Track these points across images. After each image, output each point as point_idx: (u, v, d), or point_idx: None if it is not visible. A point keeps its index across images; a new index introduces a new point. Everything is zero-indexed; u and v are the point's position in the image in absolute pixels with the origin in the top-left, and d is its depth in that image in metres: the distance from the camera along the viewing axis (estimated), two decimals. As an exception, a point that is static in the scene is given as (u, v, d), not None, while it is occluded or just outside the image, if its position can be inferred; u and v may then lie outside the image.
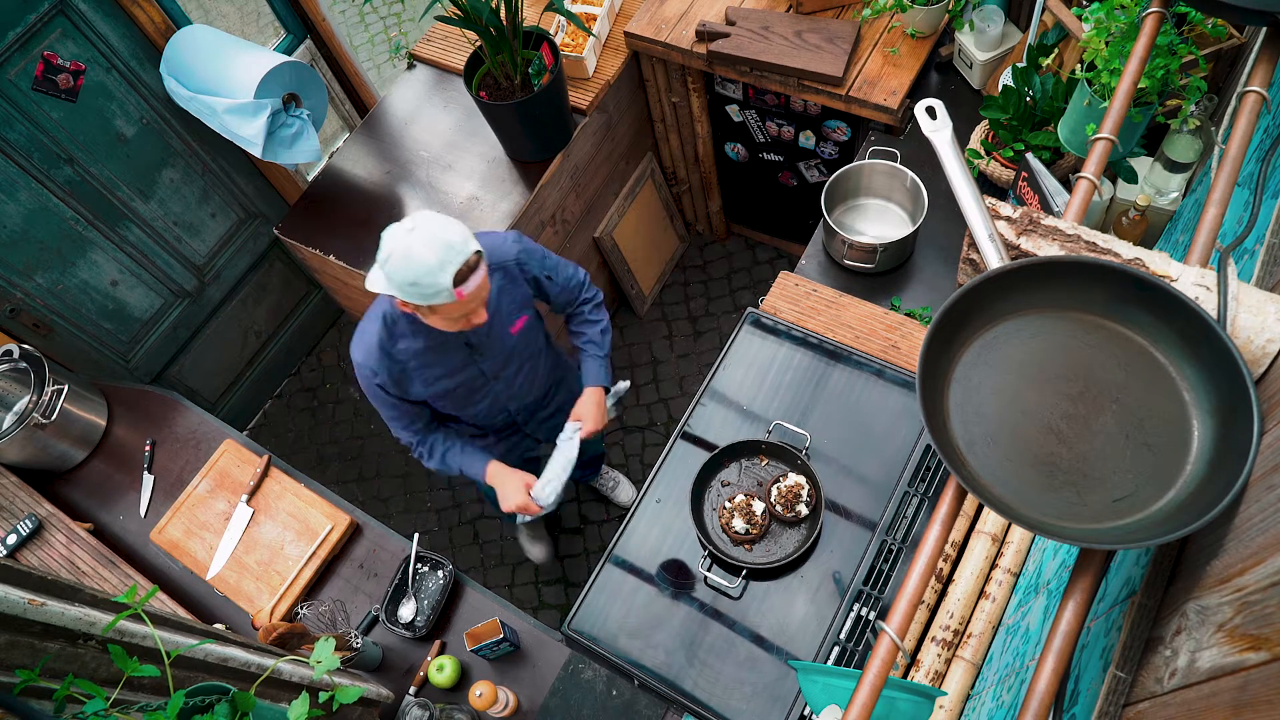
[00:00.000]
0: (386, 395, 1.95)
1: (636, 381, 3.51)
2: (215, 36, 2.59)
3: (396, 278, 1.64)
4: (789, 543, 1.94)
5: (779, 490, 1.95)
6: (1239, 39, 1.86)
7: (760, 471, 2.02)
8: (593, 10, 2.80)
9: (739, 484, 2.02)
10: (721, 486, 2.02)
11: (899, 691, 1.04)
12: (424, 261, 1.61)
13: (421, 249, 1.61)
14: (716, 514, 1.99)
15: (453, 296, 1.66)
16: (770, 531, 1.96)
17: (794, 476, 1.97)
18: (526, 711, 2.03)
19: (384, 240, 1.66)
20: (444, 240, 1.63)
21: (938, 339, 0.91)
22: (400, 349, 1.89)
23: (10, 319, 2.68)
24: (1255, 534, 0.73)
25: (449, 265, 1.63)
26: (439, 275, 1.63)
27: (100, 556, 2.30)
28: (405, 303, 1.72)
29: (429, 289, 1.64)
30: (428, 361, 1.93)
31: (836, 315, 2.22)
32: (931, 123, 1.17)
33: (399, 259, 1.63)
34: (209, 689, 1.17)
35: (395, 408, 2.00)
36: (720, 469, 2.04)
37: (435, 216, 1.67)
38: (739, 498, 1.97)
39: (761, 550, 1.95)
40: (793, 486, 1.95)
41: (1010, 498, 0.86)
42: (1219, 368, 0.83)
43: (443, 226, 1.65)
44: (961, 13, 2.44)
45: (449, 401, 2.05)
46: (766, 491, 1.97)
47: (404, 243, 1.62)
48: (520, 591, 3.20)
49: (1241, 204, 1.29)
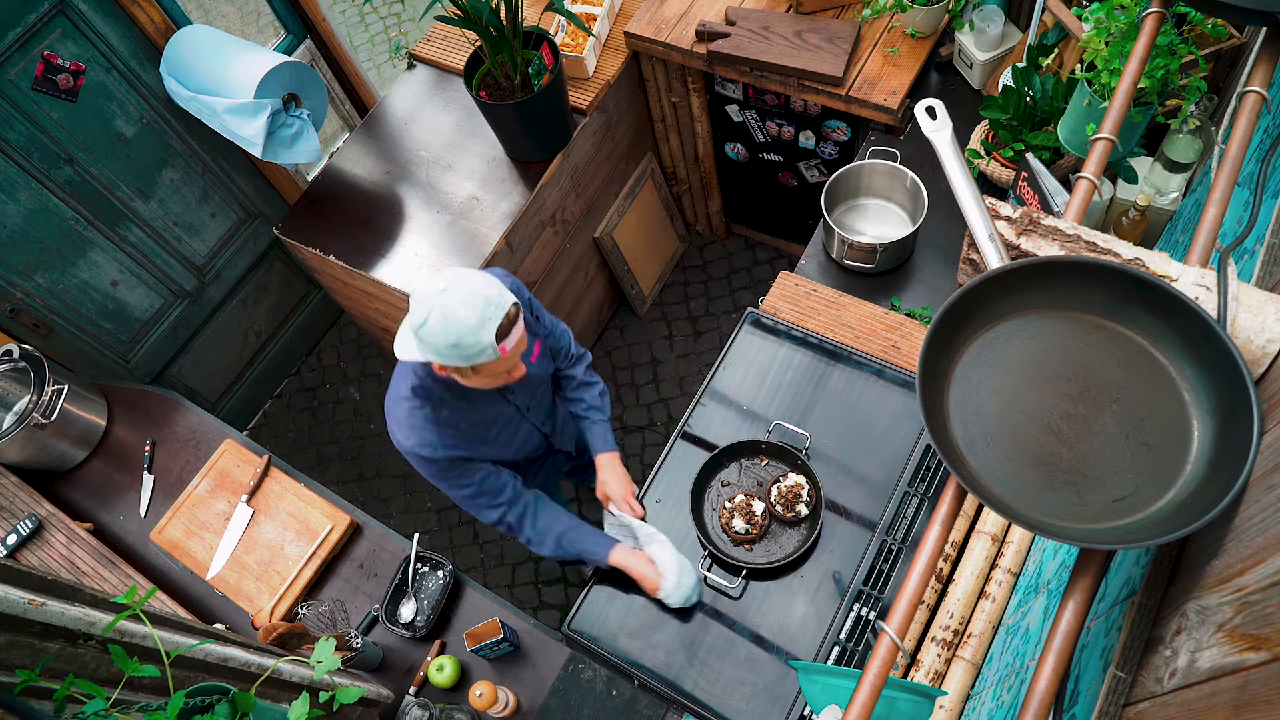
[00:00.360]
0: (460, 466, 1.82)
1: (636, 382, 3.51)
2: (215, 36, 2.59)
3: (436, 341, 1.54)
4: (789, 543, 1.94)
5: (779, 490, 1.95)
6: (1239, 39, 1.86)
7: (760, 471, 2.02)
8: (593, 10, 2.80)
9: (739, 484, 2.02)
10: (721, 486, 2.02)
11: (899, 691, 1.04)
12: (464, 321, 1.52)
13: (460, 308, 1.52)
14: (716, 514, 1.99)
15: (496, 353, 1.57)
16: (770, 531, 1.96)
17: (794, 476, 1.97)
18: (526, 711, 2.03)
19: (415, 303, 1.56)
20: (482, 296, 1.54)
21: (938, 339, 0.91)
22: (445, 415, 1.78)
23: (10, 319, 2.68)
24: (1255, 534, 0.73)
25: (490, 322, 1.54)
26: (481, 333, 1.54)
27: (100, 556, 2.30)
28: (444, 367, 1.63)
29: (472, 349, 1.55)
30: (473, 420, 1.84)
31: (836, 315, 2.22)
32: (931, 123, 1.17)
33: (437, 322, 1.52)
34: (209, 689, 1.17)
35: (471, 479, 1.85)
36: (720, 469, 2.03)
37: (465, 272, 1.58)
38: (739, 498, 1.97)
39: (761, 550, 1.95)
40: (793, 487, 1.95)
41: (1010, 498, 0.86)
42: (1219, 368, 0.84)
43: (477, 282, 1.56)
44: (961, 13, 2.44)
45: (501, 450, 1.95)
46: (766, 491, 1.97)
47: (440, 303, 1.52)
48: (520, 591, 3.20)
49: (1241, 204, 1.29)
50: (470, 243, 2.60)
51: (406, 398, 1.76)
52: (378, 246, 2.64)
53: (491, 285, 1.57)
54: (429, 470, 1.80)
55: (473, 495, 1.87)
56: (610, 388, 3.51)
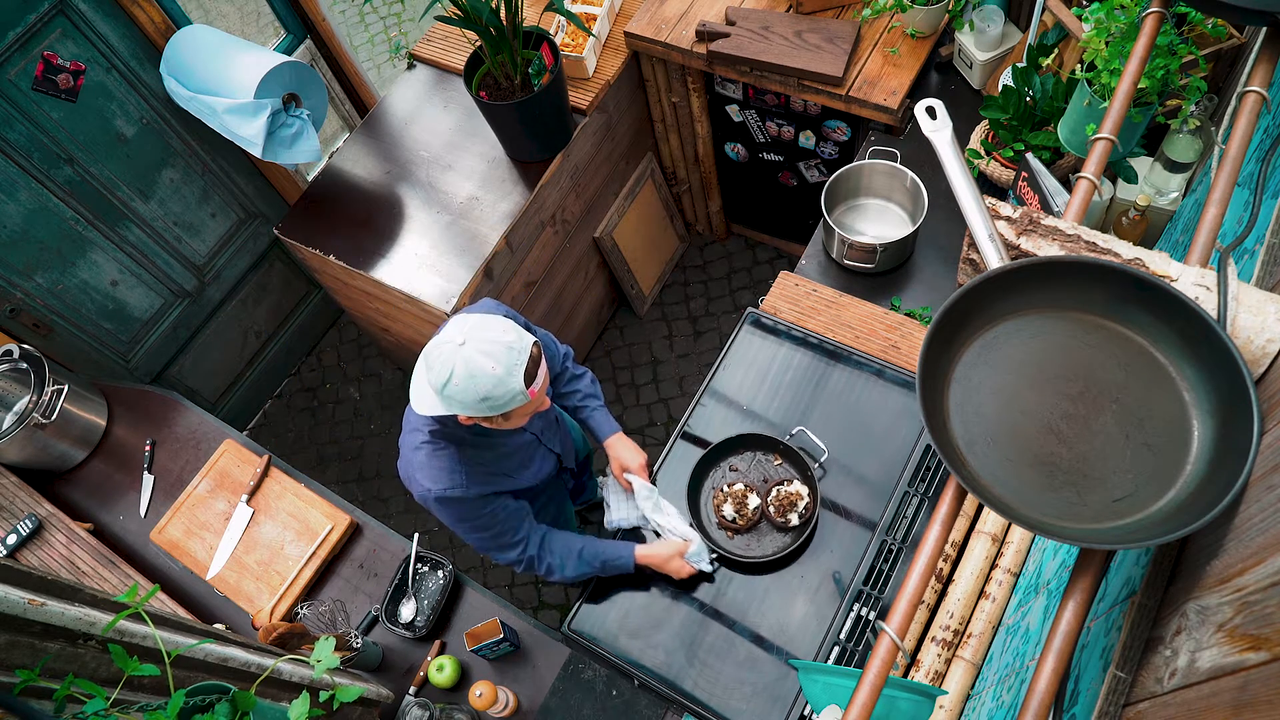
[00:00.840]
0: (485, 504, 1.77)
1: (636, 382, 3.51)
2: (215, 36, 2.59)
3: (464, 398, 1.50)
4: (770, 545, 1.95)
5: (779, 493, 1.96)
6: (1239, 39, 1.86)
7: (770, 469, 2.02)
8: (593, 10, 2.80)
9: (745, 473, 2.03)
10: (729, 470, 2.03)
11: (899, 691, 1.04)
12: (491, 373, 1.48)
13: (483, 360, 1.48)
14: (713, 494, 2.00)
15: (527, 397, 1.54)
16: (758, 528, 1.97)
17: (799, 485, 1.96)
18: (526, 711, 2.03)
19: (434, 362, 1.52)
20: (504, 345, 1.50)
21: (938, 339, 0.91)
22: (469, 455, 1.73)
23: (10, 319, 2.68)
24: (1255, 534, 0.73)
25: (516, 369, 1.50)
26: (509, 382, 1.50)
27: (100, 556, 2.30)
28: (470, 418, 1.58)
29: (503, 399, 1.52)
30: (496, 455, 1.81)
31: (836, 315, 2.22)
32: (931, 123, 1.17)
33: (462, 378, 1.48)
34: (209, 689, 1.17)
35: (495, 518, 1.80)
36: (733, 453, 2.04)
37: (477, 320, 1.54)
38: (739, 486, 1.99)
39: (742, 542, 1.96)
40: (793, 494, 1.95)
41: (1010, 498, 0.86)
42: (1219, 368, 0.84)
43: (495, 330, 1.52)
44: (961, 13, 2.44)
45: (522, 479, 1.91)
46: (768, 490, 1.97)
47: (462, 359, 1.48)
48: (520, 591, 3.20)
49: (1241, 204, 1.29)
50: (470, 243, 2.60)
51: (428, 442, 1.69)
52: (378, 246, 2.64)
53: (508, 330, 1.53)
54: (455, 512, 1.74)
55: (495, 535, 1.82)
56: (610, 388, 3.51)
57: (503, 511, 1.81)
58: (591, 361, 3.57)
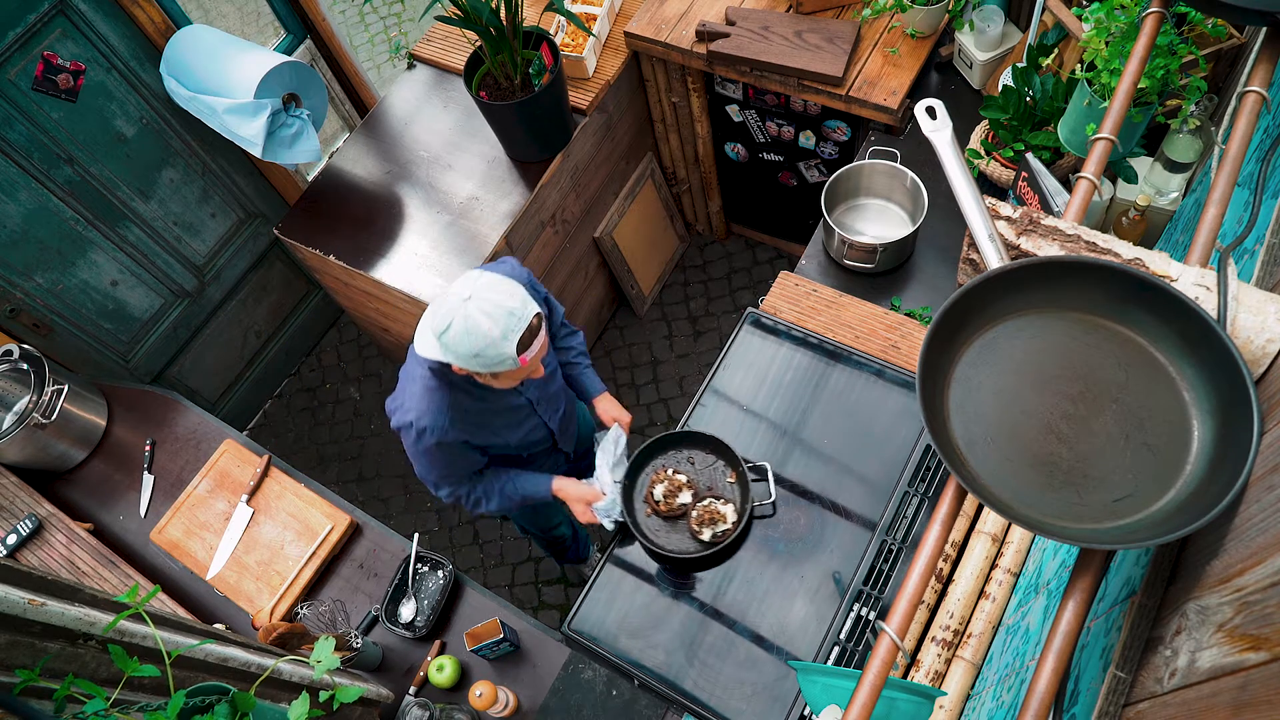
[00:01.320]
0: (451, 453, 1.83)
1: (636, 382, 3.51)
2: (215, 36, 2.59)
3: (458, 349, 1.57)
4: (673, 542, 1.95)
5: (709, 505, 1.94)
6: (1239, 39, 1.86)
7: (720, 482, 2.00)
8: (593, 10, 2.80)
9: (697, 471, 2.02)
10: (686, 460, 2.03)
11: (899, 691, 1.04)
12: (486, 334, 1.54)
13: (482, 319, 1.53)
14: (659, 470, 2.01)
15: (517, 364, 1.60)
16: (675, 522, 1.96)
17: (730, 512, 1.93)
18: (526, 711, 2.03)
19: (438, 308, 1.58)
20: (505, 309, 1.55)
21: (938, 339, 0.91)
22: (460, 399, 1.79)
23: (10, 319, 2.68)
24: (1255, 534, 0.73)
25: (512, 334, 1.56)
26: (502, 346, 1.56)
27: (100, 556, 2.30)
28: (462, 369, 1.65)
29: (493, 359, 1.57)
30: (485, 408, 1.86)
31: (836, 315, 2.22)
32: (931, 123, 1.17)
33: (459, 332, 1.54)
34: (209, 689, 1.17)
35: (454, 465, 1.88)
36: (701, 448, 2.04)
37: (490, 281, 1.58)
38: (681, 477, 1.98)
39: (654, 524, 1.97)
40: (718, 514, 1.93)
41: (1010, 498, 0.86)
42: (1219, 368, 0.84)
43: (501, 293, 1.57)
44: (961, 13, 2.44)
45: (506, 438, 1.97)
46: (702, 497, 1.96)
47: (463, 313, 1.54)
48: (520, 591, 3.20)
49: (1241, 204, 1.29)
50: (470, 243, 2.60)
51: (425, 376, 1.76)
52: (378, 246, 2.64)
53: (514, 295, 1.58)
54: (422, 446, 1.79)
55: (443, 475, 1.91)
56: (610, 388, 3.49)
57: (461, 460, 1.88)
58: (592, 361, 3.57)
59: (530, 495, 2.03)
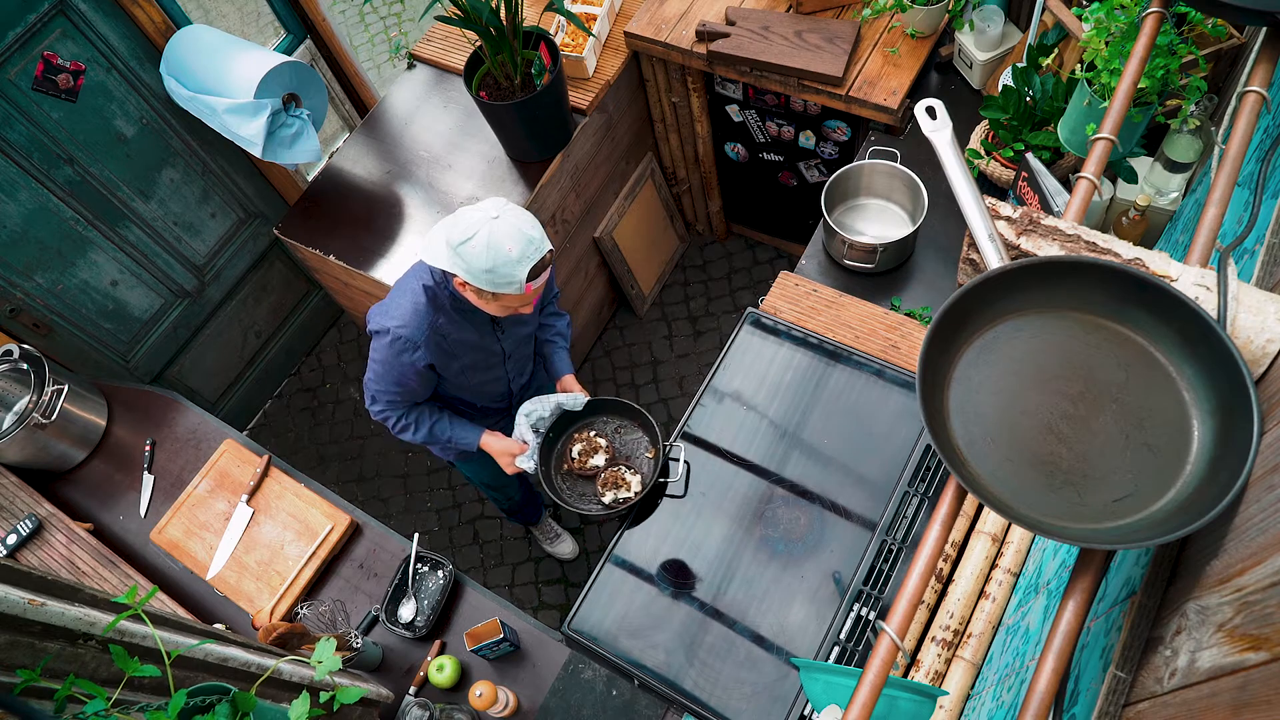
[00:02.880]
0: (411, 370, 1.90)
1: (636, 382, 3.51)
2: (215, 36, 2.59)
3: (473, 261, 1.64)
4: (575, 497, 2.08)
5: (618, 471, 2.06)
6: (1239, 39, 1.86)
7: (637, 454, 2.12)
8: (593, 10, 2.80)
9: (620, 440, 2.13)
10: (614, 430, 2.14)
11: (900, 691, 1.04)
12: (506, 253, 1.63)
13: (505, 239, 1.63)
14: (583, 429, 2.13)
15: (521, 289, 1.69)
16: (587, 481, 2.09)
17: (635, 481, 2.05)
18: (526, 711, 2.03)
19: (461, 220, 1.66)
20: (526, 235, 1.65)
21: (938, 339, 0.91)
22: (441, 323, 1.88)
23: (10, 319, 2.68)
24: (1255, 534, 0.73)
25: (527, 260, 1.65)
26: (516, 268, 1.65)
27: (100, 556, 2.30)
28: (466, 284, 1.73)
29: (503, 279, 1.66)
30: (462, 339, 1.94)
31: (836, 315, 2.22)
32: (931, 123, 1.17)
33: (480, 245, 1.62)
34: (210, 689, 1.17)
35: (405, 384, 1.95)
36: (631, 420, 2.14)
37: (515, 208, 1.68)
38: (601, 441, 2.10)
39: (565, 478, 2.11)
40: (623, 480, 2.05)
41: (1010, 498, 0.86)
42: (1219, 368, 0.84)
43: (525, 220, 1.67)
44: (961, 13, 2.44)
45: (466, 380, 2.06)
46: (613, 460, 2.08)
47: (489, 229, 1.62)
48: (520, 591, 3.20)
49: (1241, 204, 1.29)
50: (470, 243, 2.60)
51: (416, 293, 1.84)
52: (378, 246, 2.64)
53: (535, 226, 1.68)
54: (387, 353, 1.87)
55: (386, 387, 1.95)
56: (610, 387, 3.51)
57: (414, 382, 1.95)
58: (591, 361, 3.57)
59: (458, 441, 2.12)
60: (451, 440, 2.12)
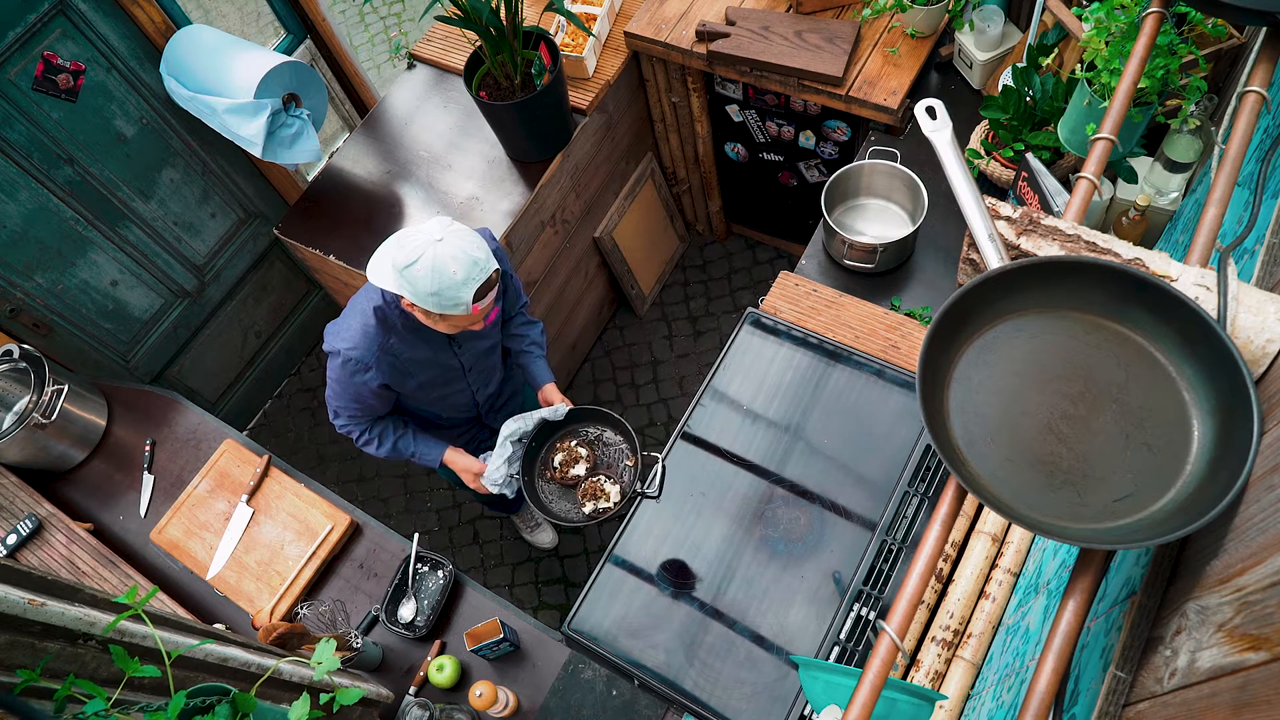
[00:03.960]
0: (365, 389, 1.92)
1: (636, 382, 3.51)
2: (215, 36, 2.59)
3: (418, 285, 1.64)
4: (558, 506, 2.07)
5: (599, 481, 2.06)
6: (1239, 39, 1.86)
7: (619, 464, 2.10)
8: (593, 10, 2.80)
9: (603, 450, 2.12)
10: (599, 439, 2.13)
11: (899, 694, 1.04)
12: (450, 276, 1.63)
13: (449, 262, 1.62)
14: (566, 438, 2.12)
15: (469, 310, 1.69)
16: (568, 490, 2.08)
17: (614, 492, 2.05)
18: (526, 711, 2.03)
19: (406, 242, 1.65)
20: (471, 257, 1.65)
21: (938, 339, 0.91)
22: (392, 343, 1.88)
23: (10, 319, 2.68)
24: (1255, 534, 0.73)
25: (472, 282, 1.65)
26: (461, 291, 1.65)
27: (100, 556, 2.30)
28: (413, 305, 1.73)
29: (448, 301, 1.66)
30: (416, 357, 1.94)
31: (836, 315, 2.22)
32: (931, 123, 1.17)
33: (425, 269, 1.62)
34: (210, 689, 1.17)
35: (362, 401, 1.97)
36: (616, 431, 2.13)
37: (459, 229, 1.68)
38: (581, 450, 2.09)
39: (554, 488, 2.09)
40: (602, 491, 2.04)
41: (1010, 498, 0.86)
42: (1219, 368, 0.84)
43: (470, 242, 1.66)
44: (961, 13, 2.44)
45: (426, 395, 2.06)
46: (594, 470, 2.08)
47: (432, 253, 1.62)
48: (520, 591, 3.20)
49: (1241, 204, 1.29)
50: (470, 243, 2.60)
51: (365, 315, 1.85)
52: (377, 246, 2.64)
53: (480, 248, 1.68)
54: (341, 374, 1.89)
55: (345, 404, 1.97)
56: (610, 387, 3.51)
57: (371, 400, 1.97)
58: (591, 361, 3.57)
59: (421, 458, 2.14)
60: (415, 456, 2.14)
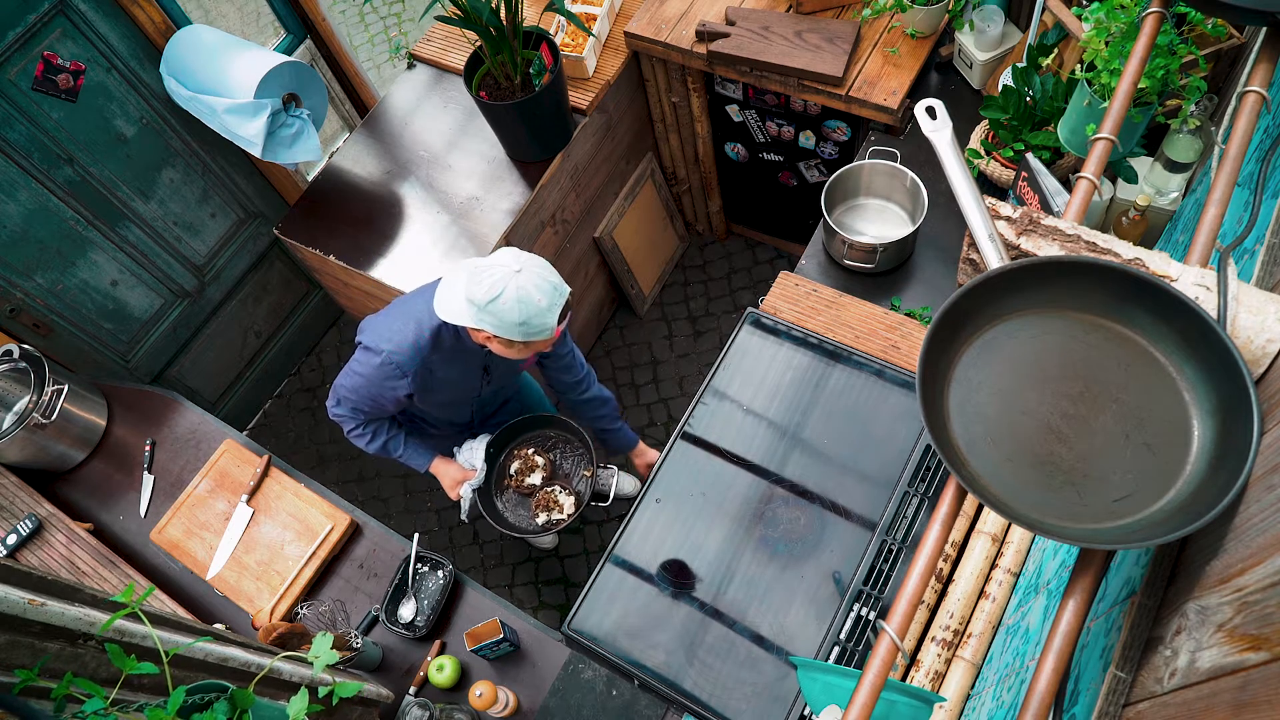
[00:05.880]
0: (391, 394, 1.91)
1: (636, 382, 3.51)
2: (215, 36, 2.59)
3: (504, 318, 1.66)
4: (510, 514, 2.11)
5: (553, 491, 2.08)
6: (1239, 39, 1.86)
7: (577, 474, 2.13)
8: (593, 10, 2.80)
9: (561, 459, 2.15)
10: (560, 447, 2.17)
11: (899, 695, 1.04)
12: (536, 305, 1.66)
13: (534, 292, 1.65)
14: (525, 445, 2.15)
15: (551, 334, 1.71)
16: (523, 499, 2.11)
17: (568, 503, 2.07)
18: (526, 711, 2.03)
19: (484, 277, 1.66)
20: (551, 283, 1.68)
21: (938, 339, 0.91)
22: (433, 360, 1.87)
23: (10, 319, 2.68)
24: (1255, 534, 0.73)
25: (556, 307, 1.69)
26: (548, 317, 1.68)
27: (100, 556, 2.30)
28: (492, 337, 1.73)
29: (535, 329, 1.68)
30: (447, 376, 1.94)
31: (836, 315, 2.22)
32: (931, 123, 1.17)
33: (511, 300, 1.64)
34: (209, 687, 1.17)
35: (379, 403, 1.96)
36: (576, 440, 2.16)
37: (530, 256, 1.71)
38: (538, 459, 2.12)
39: (515, 498, 2.13)
40: (556, 502, 2.08)
41: (1010, 498, 0.86)
42: (1219, 368, 0.83)
43: (545, 267, 1.70)
44: (961, 13, 2.44)
45: (434, 408, 2.07)
46: (550, 479, 2.10)
47: (516, 284, 1.64)
48: (520, 591, 3.20)
49: (1241, 204, 1.29)
50: (470, 243, 2.60)
51: (421, 326, 1.82)
52: (378, 246, 2.64)
53: (554, 272, 1.72)
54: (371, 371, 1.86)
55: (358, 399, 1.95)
56: (610, 387, 3.50)
57: (386, 402, 1.96)
58: (592, 361, 3.57)
59: (408, 463, 2.18)
60: (402, 459, 2.15)
